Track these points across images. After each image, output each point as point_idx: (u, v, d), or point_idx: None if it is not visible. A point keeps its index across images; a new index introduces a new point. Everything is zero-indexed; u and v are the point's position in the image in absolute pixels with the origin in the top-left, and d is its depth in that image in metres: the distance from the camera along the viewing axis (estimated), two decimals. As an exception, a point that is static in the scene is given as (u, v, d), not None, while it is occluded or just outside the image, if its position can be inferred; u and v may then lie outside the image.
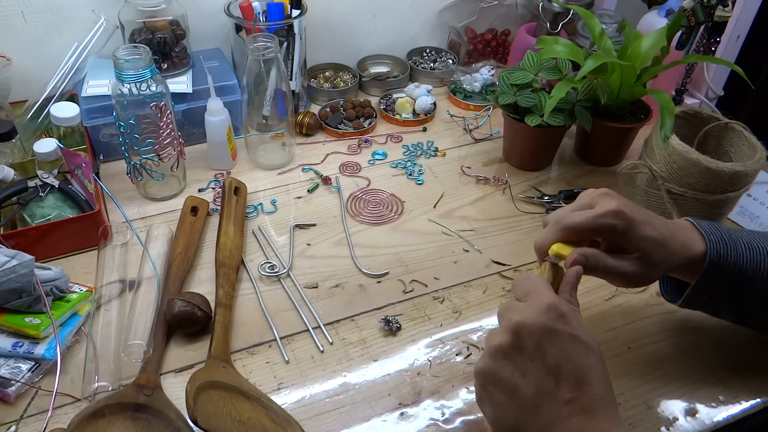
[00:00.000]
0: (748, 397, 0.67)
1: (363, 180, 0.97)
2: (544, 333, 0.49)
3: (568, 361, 0.48)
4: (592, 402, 0.48)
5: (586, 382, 0.48)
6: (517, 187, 0.96)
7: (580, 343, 0.49)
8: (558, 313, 0.49)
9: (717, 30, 0.96)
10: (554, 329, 0.49)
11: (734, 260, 0.60)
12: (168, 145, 0.85)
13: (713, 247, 0.60)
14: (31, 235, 0.77)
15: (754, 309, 0.63)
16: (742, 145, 0.86)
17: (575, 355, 0.48)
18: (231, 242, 0.80)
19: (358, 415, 0.64)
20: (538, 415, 0.48)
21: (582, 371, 0.48)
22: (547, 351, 0.48)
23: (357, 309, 0.76)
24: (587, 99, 0.93)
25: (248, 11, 1.00)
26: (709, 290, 0.62)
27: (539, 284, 0.53)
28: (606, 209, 0.57)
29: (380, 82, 1.17)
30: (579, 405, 0.47)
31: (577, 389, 0.48)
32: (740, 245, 0.61)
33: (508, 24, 1.27)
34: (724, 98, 1.19)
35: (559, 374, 0.48)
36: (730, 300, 0.63)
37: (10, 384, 0.63)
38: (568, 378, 0.48)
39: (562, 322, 0.49)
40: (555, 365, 0.48)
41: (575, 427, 0.47)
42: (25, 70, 0.95)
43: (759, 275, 0.61)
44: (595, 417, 0.47)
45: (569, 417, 0.47)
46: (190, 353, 0.69)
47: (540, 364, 0.48)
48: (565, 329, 0.49)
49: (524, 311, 0.50)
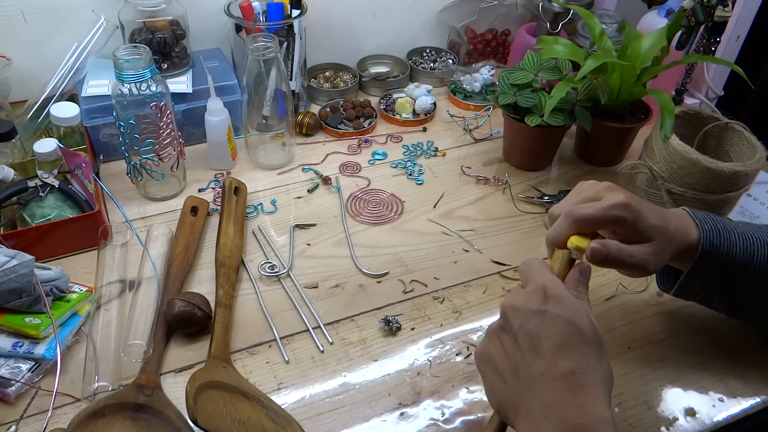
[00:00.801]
0: (748, 397, 0.67)
1: (363, 180, 0.97)
2: (530, 313, 0.50)
3: (549, 340, 0.49)
4: (568, 378, 0.47)
5: (563, 358, 0.48)
6: (517, 187, 0.96)
7: (568, 324, 0.49)
8: (547, 295, 0.50)
9: (717, 30, 0.96)
10: (541, 310, 0.50)
11: (727, 249, 0.61)
12: (168, 145, 0.85)
13: (706, 236, 0.61)
14: (31, 235, 0.77)
15: (746, 298, 0.64)
16: (742, 145, 0.86)
17: (557, 334, 0.49)
18: (231, 242, 0.80)
19: (358, 415, 0.64)
20: (515, 391, 0.49)
21: (560, 348, 0.48)
22: (531, 329, 0.49)
23: (357, 309, 0.76)
24: (587, 99, 0.93)
25: (248, 11, 1.00)
26: (702, 278, 0.63)
27: (536, 269, 0.54)
28: (615, 201, 0.57)
29: (380, 82, 1.17)
30: (553, 379, 0.47)
31: (552, 363, 0.48)
32: (734, 235, 0.62)
33: (508, 24, 1.27)
34: (724, 98, 1.19)
35: (539, 350, 0.49)
36: (722, 289, 0.63)
37: (10, 384, 0.63)
38: (546, 353, 0.48)
39: (551, 304, 0.50)
40: (535, 343, 0.49)
41: (548, 400, 0.47)
42: (25, 70, 0.95)
43: (751, 264, 0.61)
44: (572, 393, 0.47)
45: (543, 391, 0.47)
46: (190, 353, 0.69)
47: (522, 342, 0.50)
48: (553, 310, 0.50)
49: (516, 295, 0.52)
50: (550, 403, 0.47)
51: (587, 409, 0.46)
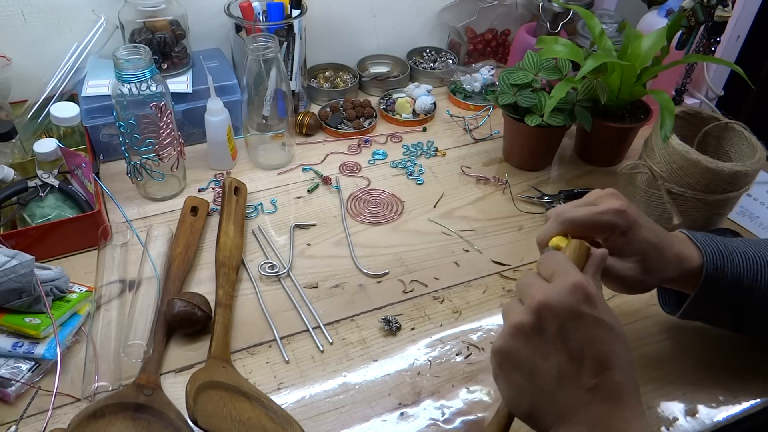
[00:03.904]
0: (748, 397, 0.67)
1: (363, 180, 0.97)
2: (569, 315, 0.46)
3: (592, 346, 0.46)
4: (614, 390, 0.46)
5: (610, 368, 0.46)
6: (517, 187, 0.96)
7: (606, 327, 0.47)
8: (584, 295, 0.47)
9: (717, 30, 0.96)
10: (579, 312, 0.46)
11: (731, 271, 0.60)
12: (168, 145, 0.85)
13: (710, 259, 0.60)
14: (31, 235, 0.77)
15: (754, 318, 0.63)
16: (742, 145, 0.86)
17: (599, 340, 0.47)
18: (231, 242, 0.80)
19: (358, 415, 0.64)
20: (557, 400, 0.47)
21: (606, 357, 0.46)
22: (571, 334, 0.46)
23: (357, 309, 0.76)
24: (587, 99, 0.93)
25: (248, 11, 1.00)
26: (707, 302, 0.62)
27: (566, 263, 0.50)
28: (608, 207, 0.57)
29: (380, 82, 1.17)
30: (601, 392, 0.46)
31: (600, 375, 0.46)
32: (736, 255, 0.61)
33: (508, 24, 1.27)
34: (724, 98, 1.19)
35: (582, 359, 0.46)
36: (729, 311, 0.63)
37: (10, 384, 0.63)
38: (591, 364, 0.46)
39: (588, 305, 0.47)
40: (578, 350, 0.46)
41: (596, 415, 0.46)
42: (25, 70, 0.95)
43: (757, 285, 0.61)
44: (617, 406, 0.46)
45: (590, 404, 0.46)
46: (190, 353, 0.69)
47: (562, 347, 0.46)
48: (591, 312, 0.47)
49: (549, 290, 0.47)
50: (598, 417, 0.46)
51: (633, 422, 0.46)
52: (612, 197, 0.59)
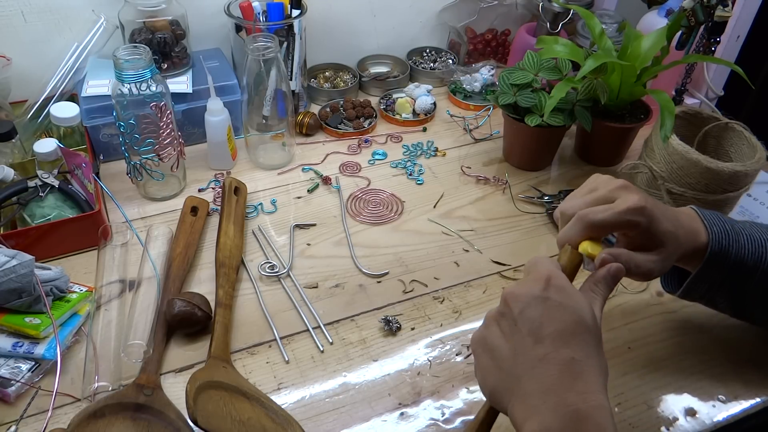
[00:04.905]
0: (748, 397, 0.67)
1: (363, 180, 0.97)
2: (531, 299, 0.49)
3: (550, 325, 0.48)
4: (568, 364, 0.47)
5: (564, 345, 0.48)
6: (517, 187, 0.96)
7: (569, 311, 0.49)
8: (549, 284, 0.50)
9: (717, 30, 0.96)
10: (543, 297, 0.49)
11: (736, 251, 0.60)
12: (168, 145, 0.85)
13: (715, 237, 0.60)
14: (31, 235, 0.77)
15: (752, 300, 0.64)
16: (742, 145, 0.86)
17: (559, 321, 0.48)
18: (231, 242, 0.80)
19: (358, 415, 0.64)
20: (513, 375, 0.49)
21: (563, 336, 0.48)
22: (532, 315, 0.49)
23: (357, 309, 0.76)
24: (587, 99, 0.93)
25: (248, 11, 1.00)
26: (710, 280, 0.62)
27: (541, 263, 0.53)
28: (630, 205, 0.56)
29: (380, 82, 1.17)
30: (553, 363, 0.47)
31: (553, 348, 0.47)
32: (742, 236, 0.61)
33: (508, 24, 1.27)
34: (724, 98, 1.19)
35: (539, 335, 0.48)
36: (729, 290, 0.63)
37: (10, 384, 0.63)
38: (546, 338, 0.48)
39: (553, 291, 0.50)
40: (536, 327, 0.48)
41: (547, 384, 0.47)
42: (25, 70, 0.95)
43: (759, 266, 0.61)
44: (573, 380, 0.46)
45: (542, 375, 0.47)
46: (190, 353, 0.69)
47: (522, 327, 0.49)
48: (555, 297, 0.49)
49: (518, 284, 0.52)
50: (549, 387, 0.47)
51: (586, 396, 0.46)
52: (627, 192, 0.57)
